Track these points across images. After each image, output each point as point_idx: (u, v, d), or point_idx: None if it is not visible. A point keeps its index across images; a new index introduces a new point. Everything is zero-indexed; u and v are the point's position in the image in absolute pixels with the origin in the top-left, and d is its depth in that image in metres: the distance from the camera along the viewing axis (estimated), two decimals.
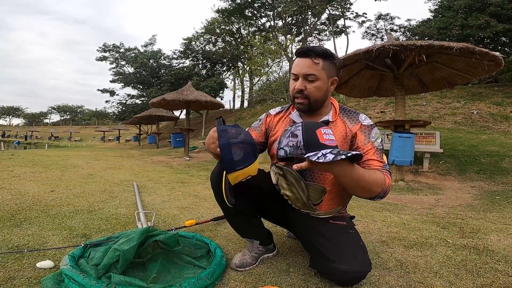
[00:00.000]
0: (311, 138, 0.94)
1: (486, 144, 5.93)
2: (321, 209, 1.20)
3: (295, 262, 1.34)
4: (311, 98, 1.13)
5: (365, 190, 0.99)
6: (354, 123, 1.16)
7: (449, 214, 2.49)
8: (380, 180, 1.01)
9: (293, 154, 0.96)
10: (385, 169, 1.08)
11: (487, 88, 10.38)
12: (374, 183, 0.99)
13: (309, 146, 0.93)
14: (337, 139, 1.14)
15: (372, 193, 1.00)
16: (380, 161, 1.11)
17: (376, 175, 1.01)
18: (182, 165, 6.60)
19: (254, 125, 1.35)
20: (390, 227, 1.92)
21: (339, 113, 1.19)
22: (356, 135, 1.14)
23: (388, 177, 1.06)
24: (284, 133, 1.02)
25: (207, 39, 23.21)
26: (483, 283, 1.17)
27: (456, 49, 3.70)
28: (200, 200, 2.62)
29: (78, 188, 2.93)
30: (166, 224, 1.87)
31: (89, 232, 1.70)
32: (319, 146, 0.93)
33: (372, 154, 1.11)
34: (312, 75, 1.10)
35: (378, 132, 1.15)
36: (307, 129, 0.96)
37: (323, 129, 0.98)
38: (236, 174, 1.00)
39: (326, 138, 0.96)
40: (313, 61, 1.10)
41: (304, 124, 0.98)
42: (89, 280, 0.98)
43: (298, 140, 0.95)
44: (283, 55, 14.78)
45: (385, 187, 1.02)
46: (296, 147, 0.94)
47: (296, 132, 0.96)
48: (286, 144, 0.97)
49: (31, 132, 37.43)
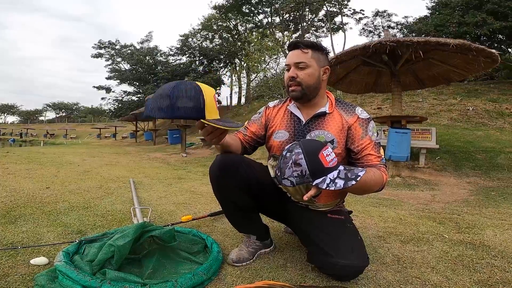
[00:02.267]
0: (316, 165, 0.93)
1: (482, 140, 5.97)
2: (319, 201, 1.20)
3: (292, 257, 1.33)
4: (303, 84, 1.15)
5: (365, 191, 1.08)
6: (351, 116, 1.16)
7: (445, 209, 2.51)
8: (378, 179, 1.05)
9: (300, 183, 0.95)
10: (382, 164, 1.12)
11: (483, 85, 10.43)
12: (374, 184, 1.04)
13: (315, 173, 0.93)
14: (334, 131, 1.16)
15: (371, 191, 1.08)
16: (378, 156, 1.13)
17: (376, 175, 1.04)
18: (179, 162, 6.58)
19: (253, 118, 1.35)
20: (387, 222, 1.92)
21: (335, 105, 1.20)
22: (352, 127, 1.15)
23: (385, 173, 1.10)
24: (284, 160, 0.98)
25: (204, 36, 23.07)
26: (479, 279, 1.17)
27: (452, 45, 3.71)
28: (197, 196, 2.61)
29: (74, 184, 2.90)
30: (163, 220, 1.86)
31: (84, 228, 1.69)
32: (325, 171, 0.94)
33: (370, 148, 1.13)
34: (302, 63, 1.14)
35: (375, 126, 1.16)
36: (310, 156, 0.94)
37: (324, 150, 0.97)
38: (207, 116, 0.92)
39: (329, 160, 0.96)
40: (302, 50, 1.15)
41: (304, 150, 0.95)
42: (83, 276, 0.97)
43: (303, 169, 0.93)
44: (280, 52, 14.73)
45: (383, 183, 1.08)
46: (302, 176, 0.94)
47: (299, 161, 0.94)
48: (291, 175, 0.95)
49: (26, 130, 37.07)
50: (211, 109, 0.89)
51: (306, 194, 0.93)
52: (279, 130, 1.25)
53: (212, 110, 0.90)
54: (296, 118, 1.23)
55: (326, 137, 1.14)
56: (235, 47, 20.64)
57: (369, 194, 3.17)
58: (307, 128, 1.19)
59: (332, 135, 1.15)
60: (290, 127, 1.23)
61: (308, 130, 1.18)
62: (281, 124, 1.25)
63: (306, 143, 1.00)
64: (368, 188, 1.04)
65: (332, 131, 1.15)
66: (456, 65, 4.56)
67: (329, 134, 1.15)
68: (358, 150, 1.14)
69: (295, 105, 1.25)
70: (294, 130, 1.21)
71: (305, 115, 1.22)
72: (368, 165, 1.11)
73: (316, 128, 1.18)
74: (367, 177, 0.99)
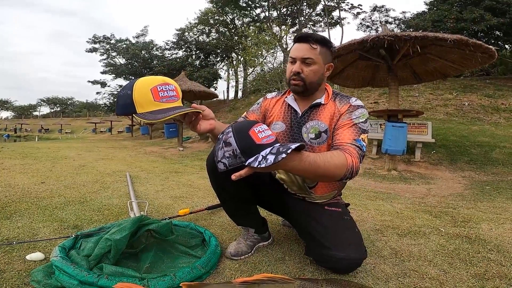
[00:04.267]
0: (246, 142, 0.86)
1: (477, 135, 6.02)
2: (316, 193, 1.20)
3: (290, 250, 1.34)
4: (307, 81, 1.13)
5: (325, 176, 0.92)
6: (344, 104, 1.14)
7: (441, 203, 2.53)
8: (339, 163, 0.92)
9: (233, 164, 0.87)
10: (352, 146, 1.00)
11: (479, 80, 10.49)
12: (333, 167, 0.90)
13: (246, 152, 0.85)
14: (325, 119, 1.14)
15: (334, 177, 0.93)
16: (352, 138, 1.03)
17: (334, 158, 0.92)
18: (175, 155, 6.56)
19: (253, 109, 1.35)
20: (384, 216, 1.93)
21: (331, 97, 1.19)
22: (342, 115, 1.12)
23: (352, 155, 0.96)
24: (217, 143, 0.93)
25: (200, 30, 22.87)
26: (476, 272, 1.18)
27: (450, 40, 3.73)
28: (194, 189, 2.60)
29: (69, 179, 2.87)
30: (160, 214, 1.85)
31: (80, 223, 1.67)
32: (257, 148, 0.86)
33: (346, 128, 1.06)
34: (309, 59, 1.11)
35: (365, 113, 1.11)
36: (239, 134, 0.88)
37: (256, 127, 0.90)
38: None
39: (262, 137, 0.89)
40: (311, 46, 1.12)
41: (234, 128, 0.90)
42: (80, 271, 0.96)
43: (233, 148, 0.86)
44: (277, 46, 14.65)
45: (348, 167, 0.93)
46: (234, 156, 0.86)
47: (229, 140, 0.88)
48: (223, 156, 0.88)
49: (20, 125, 36.63)
50: (144, 103, 0.90)
51: (235, 174, 0.82)
52: (276, 122, 1.24)
53: (146, 103, 0.90)
54: (292, 110, 1.22)
55: (320, 127, 1.14)
56: (232, 41, 20.50)
57: (365, 188, 3.19)
58: (303, 119, 1.18)
59: (325, 125, 1.13)
60: (286, 119, 1.22)
61: (304, 121, 1.18)
62: (278, 116, 1.25)
63: (238, 123, 0.95)
64: (326, 171, 0.89)
65: (325, 120, 1.14)
66: (453, 60, 4.58)
67: (323, 123, 1.14)
68: (334, 130, 1.11)
69: (292, 97, 1.24)
70: (291, 121, 1.21)
71: (302, 107, 1.21)
72: (336, 145, 1.03)
73: (311, 118, 1.17)
74: (319, 158, 0.88)
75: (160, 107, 0.91)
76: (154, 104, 0.90)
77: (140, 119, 0.89)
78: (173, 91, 0.96)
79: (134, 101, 0.90)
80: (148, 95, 0.90)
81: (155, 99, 0.91)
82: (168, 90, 0.94)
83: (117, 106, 0.94)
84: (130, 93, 0.90)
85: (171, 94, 0.95)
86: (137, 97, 0.90)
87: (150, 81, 0.93)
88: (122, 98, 0.92)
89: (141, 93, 0.90)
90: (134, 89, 0.91)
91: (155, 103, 0.91)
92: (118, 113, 0.94)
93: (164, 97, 0.92)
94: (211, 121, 1.03)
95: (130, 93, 0.90)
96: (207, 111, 1.02)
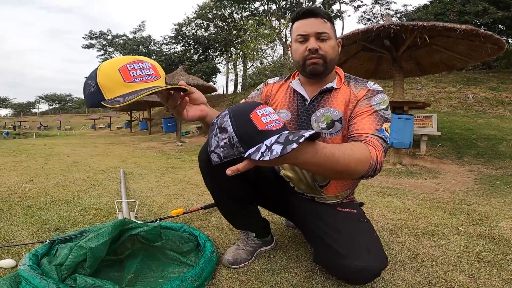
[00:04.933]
0: (246, 128, 0.68)
1: (483, 128, 5.85)
2: (328, 193, 1.03)
3: (296, 255, 1.18)
4: (327, 57, 0.96)
5: (344, 173, 0.73)
6: (361, 89, 0.98)
7: (453, 199, 2.37)
8: (362, 156, 0.75)
9: (229, 156, 0.69)
10: (376, 137, 0.84)
11: (482, 73, 10.29)
12: (355, 162, 0.73)
13: (246, 140, 0.67)
14: (338, 105, 0.97)
15: (354, 174, 0.76)
16: (374, 127, 0.87)
17: (356, 150, 0.75)
18: (174, 150, 6.39)
19: (252, 95, 1.17)
20: (395, 214, 1.78)
21: (344, 81, 1.02)
22: (360, 101, 0.96)
23: (375, 147, 0.81)
24: (210, 128, 0.76)
25: (198, 24, 22.58)
26: (509, 277, 1.03)
27: (460, 30, 3.58)
28: (190, 186, 2.45)
29: (60, 176, 2.72)
30: (152, 214, 1.70)
31: (63, 225, 1.52)
32: (260, 135, 0.68)
33: (366, 116, 0.90)
34: (324, 33, 0.95)
35: (385, 99, 0.95)
36: (237, 117, 0.70)
37: (259, 109, 0.73)
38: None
39: (266, 122, 0.71)
40: (322, 20, 0.96)
41: (231, 110, 0.72)
42: (47, 283, 0.81)
43: (229, 135, 0.69)
44: (276, 40, 14.41)
45: (372, 162, 0.77)
46: (231, 145, 0.68)
47: (224, 125, 0.70)
48: (217, 145, 0.71)
49: (19, 123, 36.40)
50: (112, 86, 0.72)
51: (231, 168, 0.63)
52: (280, 110, 1.07)
53: (115, 86, 0.72)
54: (299, 96, 1.05)
55: (333, 115, 0.97)
56: (231, 35, 20.22)
57: (372, 183, 3.04)
58: (312, 107, 1.01)
59: (339, 113, 0.96)
60: (293, 107, 1.05)
61: (313, 109, 1.01)
62: (282, 103, 1.07)
63: (236, 105, 0.77)
64: (344, 168, 0.71)
65: (339, 107, 0.97)
66: (460, 52, 4.45)
67: (336, 111, 0.97)
68: (350, 118, 0.94)
69: (298, 82, 1.07)
70: (298, 109, 1.04)
71: (310, 93, 1.04)
72: (355, 136, 0.87)
73: (322, 105, 1.00)
74: (338, 151, 0.70)
75: (133, 89, 0.72)
76: (125, 86, 0.72)
77: (111, 106, 0.71)
78: (150, 69, 0.77)
79: (99, 86, 0.72)
80: (116, 76, 0.72)
81: (126, 79, 0.72)
82: (142, 68, 0.75)
83: (84, 97, 0.77)
84: (94, 78, 0.73)
85: (147, 72, 0.76)
86: (102, 81, 0.72)
87: (118, 61, 0.75)
88: (87, 87, 0.75)
89: (107, 76, 0.73)
90: (99, 72, 0.73)
91: (126, 84, 0.72)
92: (87, 105, 0.76)
93: (137, 76, 0.74)
94: (202, 107, 0.85)
95: (95, 78, 0.73)
96: (197, 94, 0.84)
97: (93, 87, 0.73)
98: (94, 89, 0.72)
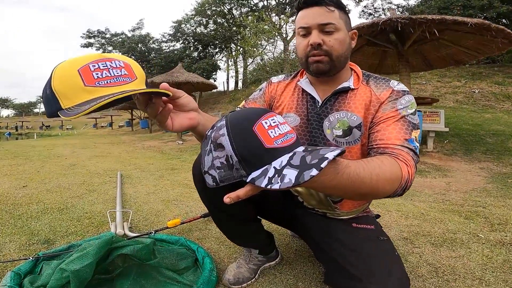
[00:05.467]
0: (249, 144, 0.54)
1: (491, 123, 5.71)
2: (343, 208, 0.90)
3: (304, 272, 1.07)
4: (333, 54, 0.81)
5: (370, 195, 0.61)
6: (384, 89, 0.83)
7: (467, 200, 2.25)
8: (393, 176, 0.63)
9: (227, 179, 0.55)
10: (405, 149, 0.71)
11: (487, 68, 10.12)
12: (383, 182, 0.60)
13: (248, 160, 0.53)
14: (357, 109, 0.83)
15: (381, 195, 0.64)
16: (402, 137, 0.72)
17: (384, 168, 0.62)
18: (174, 150, 6.29)
19: (254, 97, 1.02)
20: (408, 219, 1.67)
21: (362, 80, 0.88)
22: (383, 104, 0.81)
23: (407, 163, 0.67)
24: (204, 143, 0.63)
25: (197, 21, 22.41)
26: None
27: (471, 24, 3.45)
28: (190, 189, 2.34)
29: (54, 181, 2.62)
30: (148, 223, 1.60)
31: (53, 236, 1.42)
32: (267, 154, 0.54)
33: (391, 123, 0.76)
34: (330, 24, 0.79)
35: (413, 101, 0.80)
36: (237, 129, 0.56)
37: (265, 119, 0.58)
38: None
39: (274, 136, 0.56)
40: (328, 8, 0.80)
41: (229, 120, 0.58)
42: None
43: (227, 153, 0.55)
44: (277, 35, 14.24)
45: (402, 181, 0.64)
46: (229, 166, 0.55)
47: (221, 140, 0.56)
48: (211, 165, 0.57)
49: (21, 123, 36.50)
50: (69, 92, 0.56)
51: (230, 194, 0.52)
52: (287, 114, 0.93)
53: (73, 92, 0.56)
54: (309, 98, 0.90)
55: (351, 120, 0.83)
56: (230, 31, 20.05)
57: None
58: (325, 110, 0.87)
59: (358, 118, 0.82)
60: (301, 110, 0.91)
61: (326, 112, 0.87)
62: (289, 106, 0.93)
63: (236, 112, 0.62)
64: (370, 189, 0.59)
65: (358, 112, 0.82)
66: (468, 46, 4.35)
67: (355, 116, 0.82)
68: (372, 125, 0.80)
69: (307, 81, 0.92)
70: (307, 113, 0.90)
71: (322, 93, 0.89)
72: (380, 147, 0.73)
73: (337, 109, 0.85)
74: (363, 170, 0.57)
75: (98, 94, 0.56)
76: (86, 91, 0.56)
77: (67, 118, 0.55)
78: (120, 69, 0.60)
79: (55, 92, 0.56)
80: (74, 79, 0.56)
81: (87, 83, 0.56)
82: (110, 68, 0.59)
83: (44, 106, 0.63)
84: (49, 83, 0.58)
85: (117, 73, 0.59)
86: (58, 86, 0.56)
87: (79, 60, 0.59)
88: (44, 93, 0.60)
89: (63, 79, 0.57)
90: (54, 75, 0.58)
91: (87, 89, 0.56)
92: (47, 115, 0.61)
93: (103, 78, 0.57)
94: (192, 114, 0.68)
95: (49, 83, 0.58)
96: (185, 99, 0.68)
97: (49, 94, 0.57)
98: (50, 97, 0.57)
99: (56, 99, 0.56)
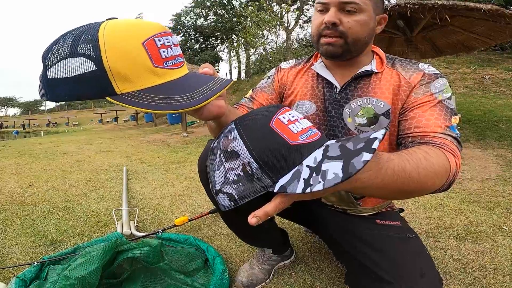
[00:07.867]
0: (269, 143, 0.44)
1: (503, 109, 5.54)
2: (366, 205, 0.82)
3: (321, 271, 1.01)
4: (349, 37, 0.71)
5: (414, 193, 0.54)
6: (414, 72, 0.73)
7: (485, 190, 2.17)
8: (442, 168, 0.54)
9: (248, 194, 0.44)
10: (447, 136, 0.61)
11: (496, 54, 9.86)
12: (432, 176, 0.52)
13: (272, 163, 0.43)
14: (383, 94, 0.74)
15: (427, 192, 0.55)
16: (442, 124, 0.63)
17: (432, 160, 0.53)
18: (179, 142, 6.25)
19: (261, 85, 0.92)
20: (427, 211, 1.59)
21: (386, 63, 0.78)
22: (415, 88, 0.71)
23: (454, 153, 0.58)
24: (210, 156, 0.53)
25: (197, 13, 22.11)
26: None
27: (484, 10, 3.32)
28: (196, 183, 2.29)
29: (60, 179, 2.59)
30: (155, 220, 1.55)
31: (60, 237, 1.38)
32: (294, 152, 0.44)
33: (428, 108, 0.66)
34: (352, 3, 0.69)
35: (447, 85, 0.71)
36: (251, 129, 0.47)
37: (282, 114, 0.48)
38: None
39: (298, 131, 0.46)
40: None
41: (239, 122, 0.49)
42: None
43: (243, 160, 0.45)
44: (278, 25, 13.98)
45: (450, 174, 0.56)
46: (247, 177, 0.44)
47: (232, 145, 0.46)
48: (224, 181, 0.47)
49: (28, 121, 36.87)
50: (133, 73, 0.42)
51: (256, 213, 0.41)
52: (301, 101, 0.83)
53: (138, 73, 0.42)
54: (326, 83, 0.81)
55: (377, 107, 0.73)
56: (231, 22, 19.77)
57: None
58: (344, 96, 0.78)
59: (386, 104, 0.73)
60: (318, 96, 0.82)
61: (346, 99, 0.78)
62: (303, 93, 0.84)
63: (246, 115, 0.52)
64: (417, 186, 0.50)
65: (386, 97, 0.73)
66: (479, 33, 4.23)
67: (381, 102, 0.73)
68: (403, 111, 0.71)
69: (322, 65, 0.83)
70: (324, 100, 0.81)
71: (340, 78, 0.80)
72: (418, 135, 0.64)
73: (359, 95, 0.76)
74: (409, 163, 0.49)
75: (166, 79, 0.44)
76: (154, 74, 0.43)
77: (144, 111, 0.42)
78: (177, 46, 0.48)
79: (107, 70, 0.40)
80: (142, 56, 0.42)
81: (155, 63, 0.43)
82: (172, 45, 0.47)
83: (59, 83, 0.42)
84: (95, 51, 0.40)
85: (177, 52, 0.48)
86: (115, 63, 0.40)
87: (138, 28, 0.44)
88: (69, 64, 0.41)
89: (124, 53, 0.41)
90: (105, 44, 0.40)
91: (156, 70, 0.43)
92: (47, 97, 0.43)
93: (168, 58, 0.45)
94: (221, 102, 0.55)
95: (96, 51, 0.40)
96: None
97: (93, 71, 0.40)
98: (95, 74, 0.40)
99: (108, 80, 0.41)
